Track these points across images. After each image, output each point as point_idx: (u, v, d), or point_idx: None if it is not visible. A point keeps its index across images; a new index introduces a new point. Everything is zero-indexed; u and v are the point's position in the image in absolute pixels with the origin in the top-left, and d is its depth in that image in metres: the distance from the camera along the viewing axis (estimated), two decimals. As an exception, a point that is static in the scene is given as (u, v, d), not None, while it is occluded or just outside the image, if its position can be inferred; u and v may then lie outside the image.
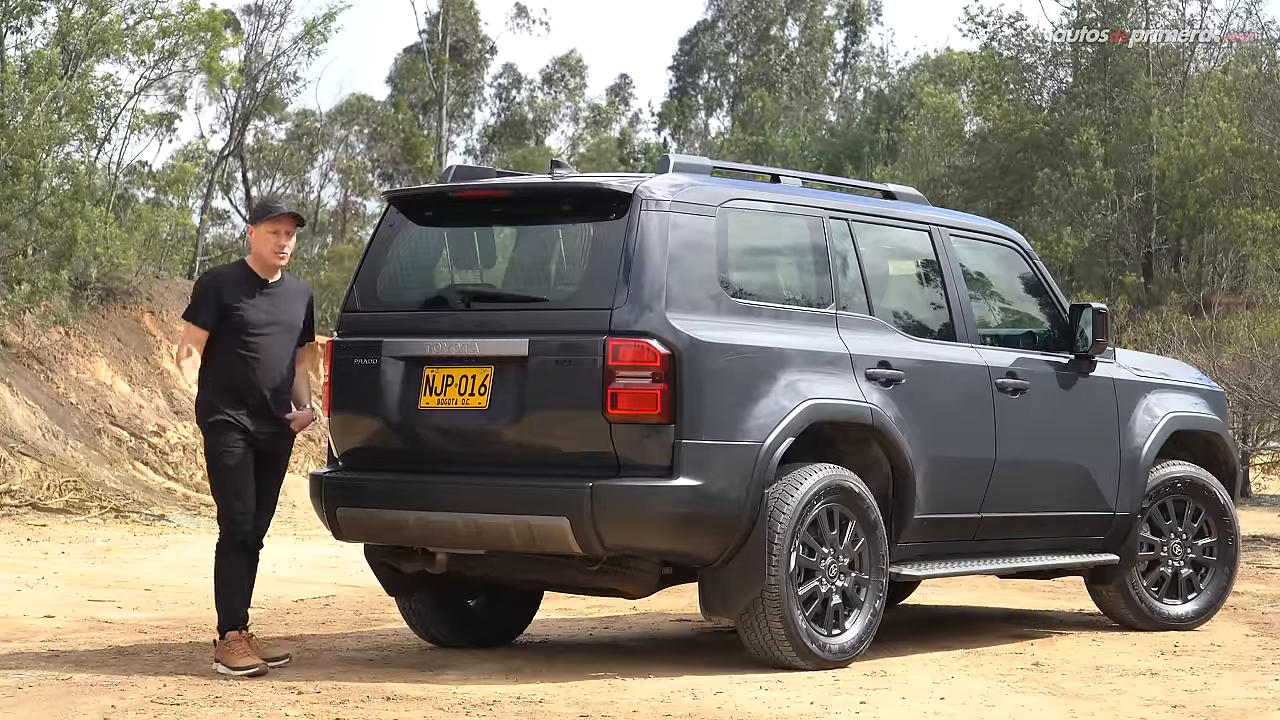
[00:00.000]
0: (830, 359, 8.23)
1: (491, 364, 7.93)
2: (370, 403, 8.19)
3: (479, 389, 7.94)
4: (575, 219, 8.14)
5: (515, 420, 7.84)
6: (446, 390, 8.02)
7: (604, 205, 7.94)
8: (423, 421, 8.11)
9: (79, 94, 21.50)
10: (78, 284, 21.15)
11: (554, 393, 7.77)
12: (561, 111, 57.75)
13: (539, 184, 8.36)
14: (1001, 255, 9.59)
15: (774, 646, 7.93)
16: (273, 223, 8.03)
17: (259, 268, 8.06)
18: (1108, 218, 30.44)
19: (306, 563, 13.26)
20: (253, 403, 7.92)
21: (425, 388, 8.08)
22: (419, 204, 8.62)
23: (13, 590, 11.09)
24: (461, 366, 7.99)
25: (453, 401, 8.01)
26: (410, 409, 8.11)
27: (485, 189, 8.41)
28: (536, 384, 7.80)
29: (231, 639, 7.84)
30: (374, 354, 8.17)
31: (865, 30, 57.57)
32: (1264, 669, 8.51)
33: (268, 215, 8.08)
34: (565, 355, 7.75)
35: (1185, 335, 23.14)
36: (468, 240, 8.58)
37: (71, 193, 21.00)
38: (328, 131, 46.82)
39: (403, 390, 8.12)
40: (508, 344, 7.89)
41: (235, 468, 7.89)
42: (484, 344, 7.96)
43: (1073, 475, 9.42)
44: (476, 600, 9.05)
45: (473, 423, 7.97)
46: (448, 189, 8.43)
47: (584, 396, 7.66)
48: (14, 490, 16.90)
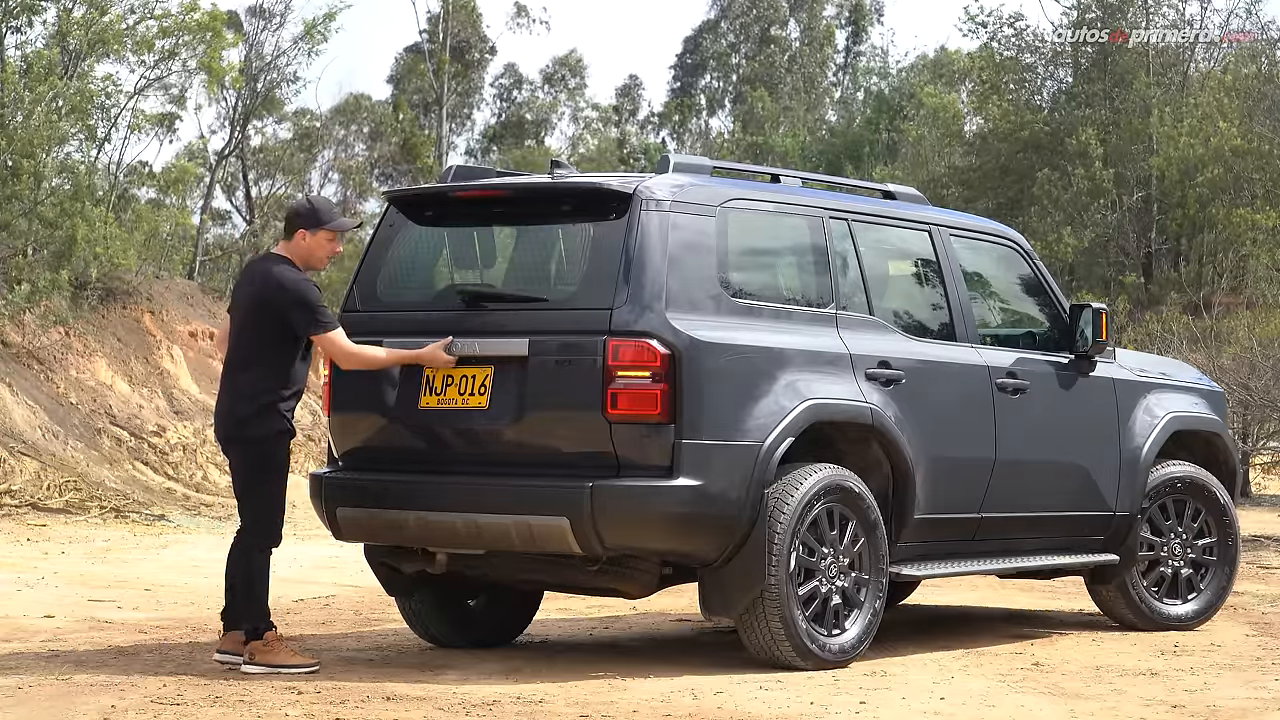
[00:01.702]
0: (830, 359, 8.23)
1: (492, 364, 7.93)
2: (370, 402, 8.19)
3: (479, 389, 7.94)
4: (575, 219, 8.14)
5: (515, 420, 7.84)
6: (447, 390, 8.03)
7: (604, 205, 7.94)
8: (423, 421, 8.11)
9: (79, 94, 21.50)
10: (78, 284, 21.14)
11: (554, 393, 7.77)
12: (561, 111, 57.78)
13: (539, 184, 8.36)
14: (1001, 255, 9.59)
15: (774, 646, 7.93)
16: (334, 231, 8.04)
17: (305, 269, 8.06)
18: (1108, 218, 30.44)
19: (306, 563, 13.26)
20: (299, 401, 8.00)
21: (425, 387, 8.08)
22: (419, 204, 8.62)
23: (13, 590, 11.09)
24: (461, 366, 7.99)
25: (453, 401, 8.01)
26: (410, 409, 8.11)
27: (485, 189, 8.41)
28: (537, 384, 7.80)
29: (271, 639, 7.87)
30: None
31: (866, 30, 57.58)
32: (1264, 669, 8.51)
33: (332, 223, 8.05)
34: (565, 355, 7.76)
35: (1185, 335, 23.14)
36: (467, 240, 8.58)
37: (71, 193, 21.00)
38: (328, 132, 46.80)
39: (402, 390, 8.12)
40: (508, 344, 7.89)
41: (282, 484, 7.98)
42: (484, 344, 7.96)
43: (1073, 475, 9.42)
44: (476, 600, 9.05)
45: (473, 422, 7.97)
46: (448, 188, 8.43)
47: (584, 396, 7.66)
48: (14, 490, 16.90)
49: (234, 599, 8.04)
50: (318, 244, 8.04)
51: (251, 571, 7.96)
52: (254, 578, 7.95)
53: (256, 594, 7.94)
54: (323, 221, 8.05)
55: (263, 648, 7.84)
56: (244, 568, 7.97)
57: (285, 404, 7.93)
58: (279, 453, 7.96)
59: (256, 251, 33.68)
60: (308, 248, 8.04)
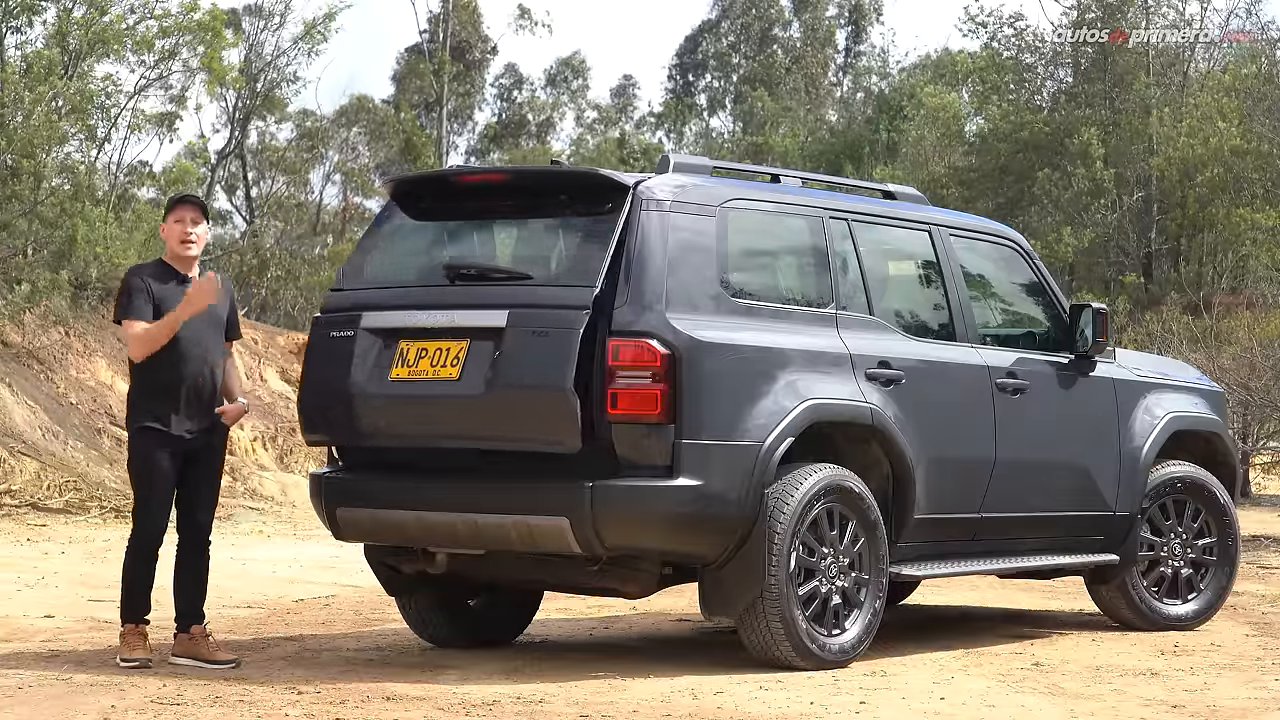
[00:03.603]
0: (830, 359, 8.23)
1: (467, 337, 7.81)
2: (339, 377, 8.11)
3: (451, 361, 7.86)
4: (571, 208, 8.14)
5: (485, 394, 7.73)
6: (419, 363, 7.94)
7: (600, 196, 7.93)
8: (394, 394, 8.01)
9: (79, 94, 21.50)
10: (78, 284, 21.14)
11: (527, 368, 7.66)
12: (564, 112, 57.79)
13: (537, 170, 8.35)
14: (1001, 255, 9.59)
15: (774, 646, 7.93)
16: (177, 211, 8.08)
17: (174, 261, 8.08)
18: (1108, 218, 30.45)
19: (306, 563, 13.26)
20: (182, 400, 7.94)
21: (398, 361, 8.01)
22: (417, 193, 8.60)
23: (13, 590, 11.09)
24: (436, 339, 7.89)
25: (424, 373, 7.91)
26: (382, 383, 8.03)
27: (486, 174, 8.41)
28: (510, 358, 7.68)
29: (124, 632, 8.04)
30: (351, 326, 8.12)
31: (867, 30, 57.58)
32: (1264, 669, 8.51)
33: (171, 205, 8.13)
34: (544, 327, 7.64)
35: (1185, 335, 23.16)
36: (461, 227, 8.54)
37: (71, 193, 21.00)
38: (329, 132, 46.80)
39: (375, 365, 8.04)
40: (485, 316, 7.81)
41: (155, 480, 7.96)
42: (461, 315, 7.87)
43: (1073, 475, 9.42)
44: (476, 600, 9.05)
45: (443, 394, 7.87)
46: (449, 172, 8.47)
47: (555, 373, 7.55)
48: (14, 490, 16.90)
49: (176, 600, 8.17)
50: (169, 231, 8.10)
51: (124, 565, 8.11)
52: (123, 571, 8.10)
53: (124, 587, 8.07)
54: (165, 210, 8.19)
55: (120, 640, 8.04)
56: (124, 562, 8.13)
57: (146, 401, 7.95)
58: (141, 450, 7.95)
59: (257, 251, 33.71)
60: (165, 238, 8.14)
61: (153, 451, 7.94)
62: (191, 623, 8.09)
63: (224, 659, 8.01)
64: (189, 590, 8.14)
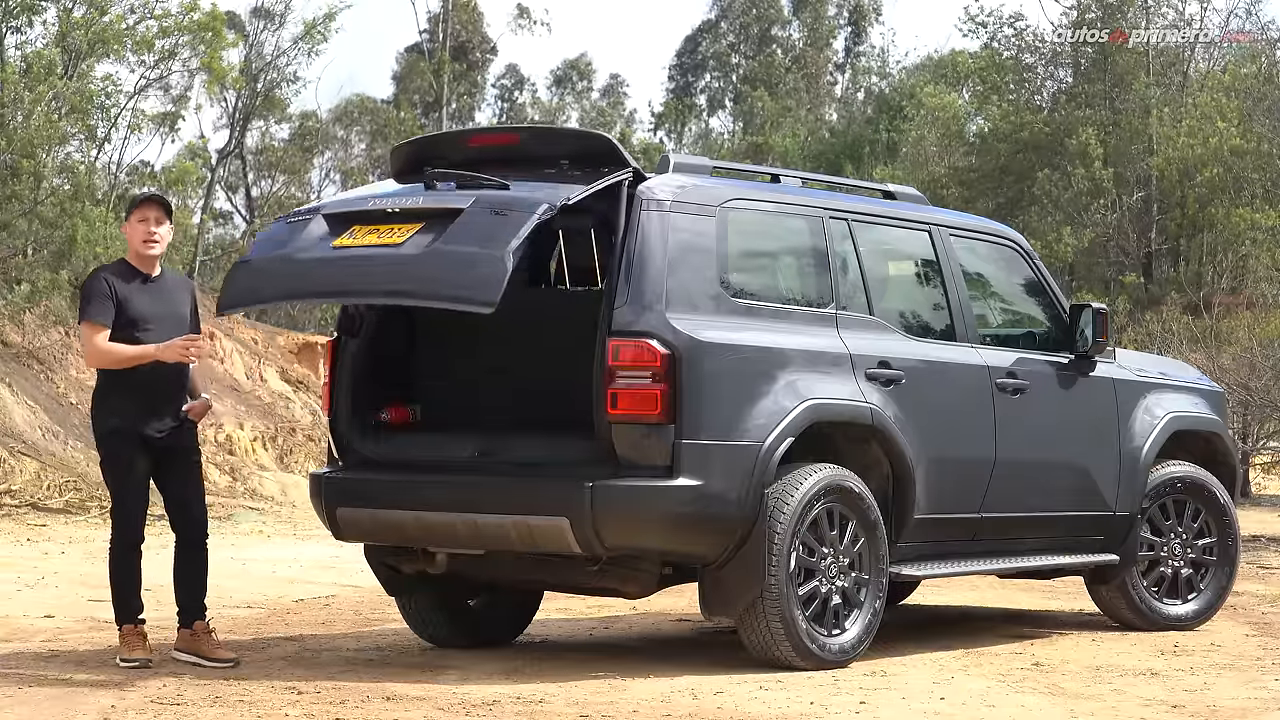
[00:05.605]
0: (830, 359, 8.22)
1: (424, 219, 7.69)
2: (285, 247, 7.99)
3: (400, 234, 7.69)
4: (571, 167, 8.10)
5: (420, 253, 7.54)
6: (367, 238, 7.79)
7: (601, 156, 7.93)
8: (331, 255, 7.84)
9: (79, 94, 21.51)
10: (78, 284, 21.14)
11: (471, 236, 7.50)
12: (568, 112, 57.79)
13: (548, 128, 8.34)
14: (1001, 255, 9.59)
15: (774, 646, 7.93)
16: (139, 210, 8.07)
17: (137, 261, 8.08)
18: (1107, 218, 30.46)
19: (306, 563, 13.26)
20: (150, 400, 7.97)
21: (347, 236, 7.85)
22: (421, 158, 8.49)
23: (13, 590, 11.09)
24: (392, 221, 7.74)
25: (370, 241, 7.80)
26: (325, 250, 7.86)
27: (495, 134, 8.33)
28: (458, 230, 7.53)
29: (124, 633, 8.04)
30: (311, 214, 8.06)
31: (866, 30, 57.59)
32: (1264, 669, 8.51)
33: (134, 204, 8.12)
34: (503, 209, 7.52)
35: (1185, 335, 23.17)
36: None
37: (71, 193, 21.01)
38: (329, 132, 46.81)
39: (321, 240, 7.89)
40: (448, 198, 7.73)
41: (129, 480, 8.00)
42: (426, 197, 7.82)
43: (1073, 475, 9.42)
44: (476, 600, 9.05)
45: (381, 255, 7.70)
46: (457, 134, 8.48)
47: (499, 239, 7.38)
48: (14, 490, 16.90)
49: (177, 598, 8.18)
50: (131, 230, 8.10)
51: (109, 567, 8.13)
52: (109, 573, 8.12)
53: (112, 590, 8.07)
54: (127, 209, 8.19)
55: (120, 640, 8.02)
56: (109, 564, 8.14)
57: (114, 402, 7.99)
58: (113, 451, 8.00)
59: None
60: (128, 238, 8.14)
61: (125, 452, 7.99)
62: (194, 618, 8.09)
63: (224, 657, 8.01)
64: (189, 586, 8.15)
